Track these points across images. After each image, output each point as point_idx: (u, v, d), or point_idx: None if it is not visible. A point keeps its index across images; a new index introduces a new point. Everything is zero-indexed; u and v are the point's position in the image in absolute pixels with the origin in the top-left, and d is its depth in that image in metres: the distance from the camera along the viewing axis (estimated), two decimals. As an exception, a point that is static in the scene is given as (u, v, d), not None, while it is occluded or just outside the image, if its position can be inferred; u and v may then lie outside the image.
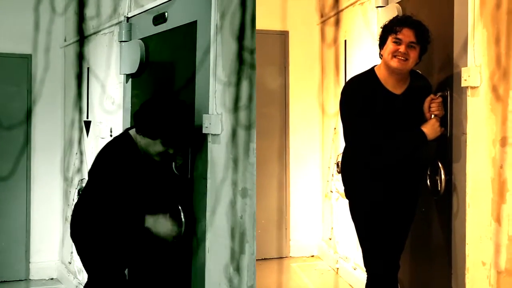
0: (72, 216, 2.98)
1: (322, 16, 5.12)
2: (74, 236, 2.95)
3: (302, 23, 5.24)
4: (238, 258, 2.48)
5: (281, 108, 5.28)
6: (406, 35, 2.77)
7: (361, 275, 4.20)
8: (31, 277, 5.00)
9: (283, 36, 5.28)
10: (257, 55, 2.60)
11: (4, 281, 4.90)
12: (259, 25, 3.08)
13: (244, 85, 2.40)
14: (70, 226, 2.98)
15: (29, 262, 4.99)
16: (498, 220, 2.49)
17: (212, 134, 2.67)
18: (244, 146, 2.43)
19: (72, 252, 4.67)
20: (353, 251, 4.42)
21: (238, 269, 2.50)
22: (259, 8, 2.81)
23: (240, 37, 2.37)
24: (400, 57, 2.77)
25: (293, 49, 5.30)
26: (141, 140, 2.76)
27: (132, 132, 2.83)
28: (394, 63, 2.78)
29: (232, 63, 2.49)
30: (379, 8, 3.66)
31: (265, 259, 5.10)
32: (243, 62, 2.38)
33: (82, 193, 3.08)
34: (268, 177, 5.15)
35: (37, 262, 5.01)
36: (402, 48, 2.76)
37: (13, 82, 4.83)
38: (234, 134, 2.49)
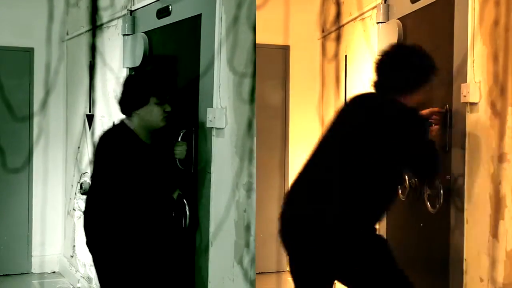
0: (85, 211, 2.88)
1: (323, 31, 5.15)
2: (87, 229, 2.84)
3: (303, 38, 5.27)
4: (242, 251, 2.46)
5: (282, 121, 5.32)
6: None
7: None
8: (33, 271, 4.98)
9: (284, 50, 5.35)
10: (258, 69, 2.59)
11: (7, 275, 4.87)
12: (261, 39, 3.09)
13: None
14: (84, 220, 2.88)
15: (31, 256, 4.97)
16: (496, 236, 2.49)
17: (216, 128, 2.66)
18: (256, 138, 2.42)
19: (74, 246, 4.66)
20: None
21: (241, 263, 2.48)
22: (261, 22, 2.83)
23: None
24: None
25: (294, 63, 5.36)
26: (138, 118, 2.73)
27: (126, 120, 2.79)
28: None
29: (248, 54, 2.48)
30: (380, 24, 3.68)
31: (262, 272, 5.07)
32: (259, 53, 2.36)
33: (90, 189, 3.01)
34: (268, 189, 5.15)
35: (39, 256, 4.99)
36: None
37: (15, 75, 4.86)
38: (250, 125, 2.46)
